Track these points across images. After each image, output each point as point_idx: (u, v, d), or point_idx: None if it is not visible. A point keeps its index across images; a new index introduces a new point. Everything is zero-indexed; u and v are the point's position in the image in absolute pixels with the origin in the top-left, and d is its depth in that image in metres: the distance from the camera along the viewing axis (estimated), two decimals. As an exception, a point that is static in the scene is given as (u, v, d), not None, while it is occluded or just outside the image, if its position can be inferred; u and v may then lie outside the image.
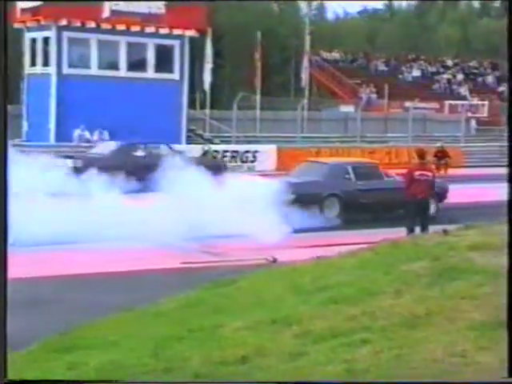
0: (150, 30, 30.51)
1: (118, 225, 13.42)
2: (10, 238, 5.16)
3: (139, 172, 18.94)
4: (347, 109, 40.39)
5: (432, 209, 16.52)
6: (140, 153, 22.89)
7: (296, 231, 14.48)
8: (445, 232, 11.15)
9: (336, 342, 5.93)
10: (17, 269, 6.88)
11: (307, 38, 39.07)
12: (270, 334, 6.34)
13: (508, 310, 5.72)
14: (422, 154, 14.68)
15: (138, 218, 13.99)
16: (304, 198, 16.00)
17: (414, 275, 8.07)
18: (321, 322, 6.55)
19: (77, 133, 28.54)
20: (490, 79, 48.15)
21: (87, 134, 28.78)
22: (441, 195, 17.62)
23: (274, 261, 12.32)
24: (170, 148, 23.54)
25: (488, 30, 66.79)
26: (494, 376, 5.10)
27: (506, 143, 27.06)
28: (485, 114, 42.55)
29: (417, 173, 14.25)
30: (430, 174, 14.37)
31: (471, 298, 6.99)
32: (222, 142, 31.50)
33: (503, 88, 46.71)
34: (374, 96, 42.41)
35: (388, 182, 17.56)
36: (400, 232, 13.57)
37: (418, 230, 13.88)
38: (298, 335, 6.21)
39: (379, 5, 78.23)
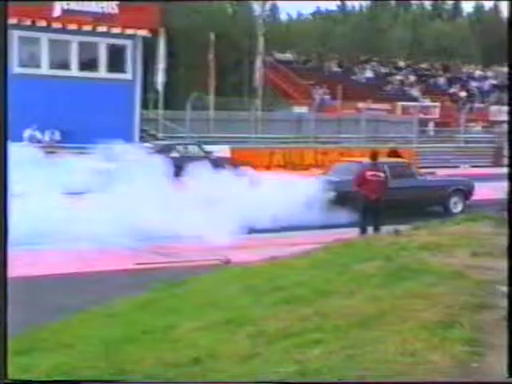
0: (101, 29, 30.25)
1: (62, 224, 13.26)
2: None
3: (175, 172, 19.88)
4: (301, 110, 40.53)
5: (460, 207, 17.00)
6: (175, 154, 23.86)
7: (251, 232, 14.49)
8: (396, 232, 11.27)
9: (289, 342, 5.94)
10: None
11: (261, 39, 39.12)
12: (223, 335, 6.33)
13: (508, 311, 5.78)
14: (374, 155, 14.80)
15: (84, 216, 13.85)
16: (345, 195, 16.30)
17: (366, 275, 8.13)
18: (274, 323, 6.55)
19: (28, 133, 28.17)
20: (441, 81, 48.69)
21: (38, 135, 28.43)
22: (467, 193, 18.65)
23: (228, 262, 12.30)
24: (201, 149, 24.87)
25: (439, 32, 67.63)
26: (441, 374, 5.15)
27: (460, 144, 27.35)
28: (436, 116, 43.06)
29: (369, 173, 14.34)
30: (382, 174, 14.48)
31: (423, 298, 7.05)
32: (176, 142, 31.34)
33: (454, 89, 47.32)
34: (327, 97, 42.62)
35: (420, 181, 18.51)
36: (352, 232, 13.69)
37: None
38: (251, 336, 6.21)
39: (332, 6, 78.76)
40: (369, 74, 47.44)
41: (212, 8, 55.60)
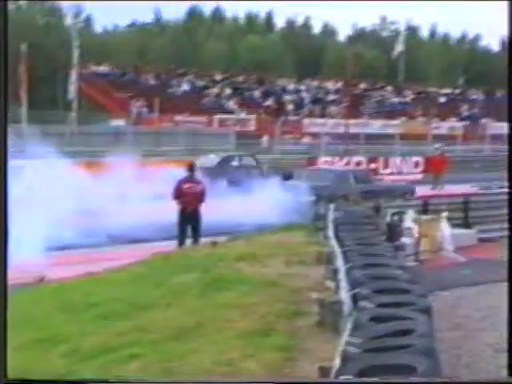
0: None
1: None
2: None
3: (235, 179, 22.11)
4: (118, 122, 40.13)
5: None
6: (235, 163, 26.44)
7: (65, 248, 14.15)
8: (214, 244, 11.41)
9: (106, 358, 5.88)
10: None
11: (75, 51, 38.40)
12: (36, 355, 6.17)
13: (508, 311, 5.85)
14: (190, 167, 14.88)
15: None
16: (322, 198, 17.87)
17: (184, 287, 8.19)
18: (91, 339, 6.47)
19: None
20: (256, 94, 49.73)
21: None
22: (410, 195, 21.99)
23: (42, 279, 11.94)
24: (255, 159, 27.51)
25: (254, 45, 69.22)
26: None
27: (276, 155, 27.80)
28: (252, 128, 43.91)
29: (185, 185, 14.37)
30: (198, 186, 14.52)
31: (239, 308, 7.19)
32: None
33: (269, 102, 48.49)
34: (144, 110, 42.46)
35: (376, 185, 22.22)
36: (172, 245, 13.68)
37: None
38: (66, 354, 6.09)
39: (148, 19, 78.48)
40: (186, 86, 47.74)
41: (22, 18, 54.03)
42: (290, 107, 48.74)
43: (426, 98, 56.09)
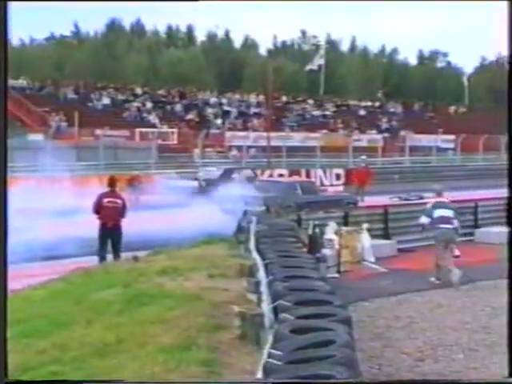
0: None
1: None
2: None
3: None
4: (36, 137, 39.50)
5: None
6: (236, 175, 27.86)
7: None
8: (135, 259, 11.37)
9: (25, 376, 5.80)
10: None
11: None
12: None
13: (508, 311, 5.88)
14: (111, 182, 14.75)
15: None
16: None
17: (105, 303, 8.14)
18: (11, 358, 6.36)
19: None
20: (178, 107, 49.70)
21: None
22: (354, 205, 22.98)
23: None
24: (254, 172, 29.43)
25: (175, 59, 69.13)
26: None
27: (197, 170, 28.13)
28: (175, 141, 43.81)
29: (106, 200, 14.24)
30: (119, 201, 14.40)
31: (161, 322, 7.19)
32: None
33: (191, 116, 48.50)
34: (64, 124, 41.95)
35: (323, 195, 23.57)
36: (93, 260, 13.54)
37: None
38: (-16, 374, 5.98)
39: (66, 31, 77.48)
40: (106, 100, 47.38)
41: None
42: (213, 120, 48.86)
43: (347, 110, 57.02)
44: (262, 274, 7.97)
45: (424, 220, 14.24)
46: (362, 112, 57.35)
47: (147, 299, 8.13)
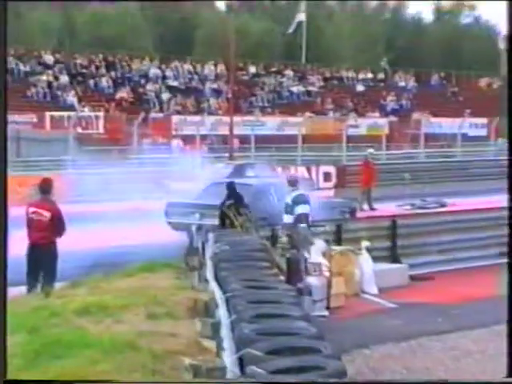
0: None
1: None
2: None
3: None
4: None
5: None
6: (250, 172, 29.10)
7: None
8: (45, 292, 11.28)
9: None
10: None
11: None
12: None
13: (508, 311, 6.71)
14: (45, 185, 14.47)
15: None
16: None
17: (2, 356, 8.06)
18: None
19: None
20: (104, 82, 49.50)
21: None
22: (352, 212, 23.69)
23: None
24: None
25: (99, 16, 68.72)
26: None
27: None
28: (100, 130, 43.62)
29: (30, 210, 14.14)
30: (46, 213, 14.14)
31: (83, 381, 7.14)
32: None
33: (123, 94, 48.28)
34: None
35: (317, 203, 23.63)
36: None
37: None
38: None
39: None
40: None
41: None
42: (153, 100, 48.72)
43: (338, 85, 57.24)
44: (222, 313, 7.94)
45: (287, 219, 15.15)
46: (360, 87, 57.65)
47: (63, 350, 8.06)
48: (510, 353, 6.55)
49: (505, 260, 10.50)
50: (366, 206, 28.67)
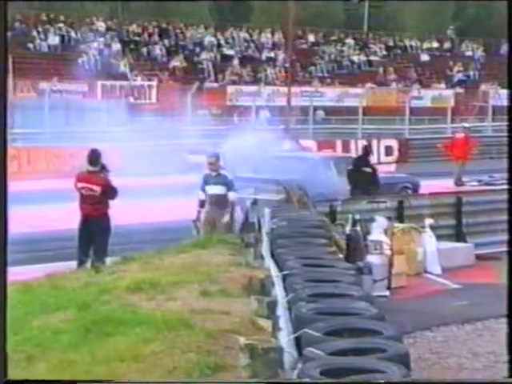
0: None
1: None
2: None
3: None
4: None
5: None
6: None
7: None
8: (96, 269, 11.35)
9: None
10: None
11: None
12: None
13: (508, 310, 6.83)
14: (93, 156, 14.49)
15: None
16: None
17: (52, 333, 8.13)
18: None
19: None
20: (157, 50, 49.58)
21: None
22: (414, 190, 23.63)
23: None
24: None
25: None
26: None
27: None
28: (153, 100, 43.75)
29: (79, 185, 14.20)
30: (95, 187, 14.15)
31: (133, 360, 7.17)
32: None
33: (177, 62, 48.35)
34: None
35: None
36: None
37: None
38: None
39: None
40: (54, 40, 47.24)
41: None
42: (208, 69, 48.74)
43: (402, 55, 56.93)
44: (278, 291, 7.93)
45: (201, 196, 15.86)
46: (425, 57, 57.25)
47: (113, 327, 8.11)
48: (511, 352, 6.54)
49: None
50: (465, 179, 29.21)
